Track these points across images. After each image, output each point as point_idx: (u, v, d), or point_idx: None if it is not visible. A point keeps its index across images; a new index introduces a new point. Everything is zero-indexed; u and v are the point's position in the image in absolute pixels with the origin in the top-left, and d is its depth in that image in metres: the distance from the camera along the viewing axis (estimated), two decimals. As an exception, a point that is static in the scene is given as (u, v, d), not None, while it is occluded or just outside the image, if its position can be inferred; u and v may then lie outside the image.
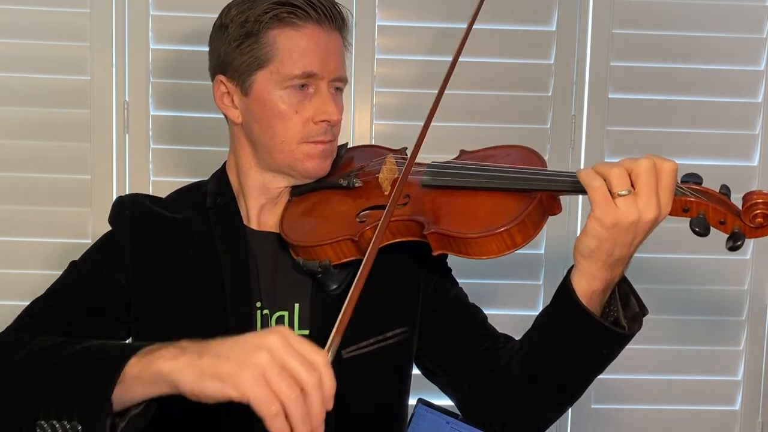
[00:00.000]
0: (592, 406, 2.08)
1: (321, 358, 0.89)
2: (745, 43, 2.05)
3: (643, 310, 1.11)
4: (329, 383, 0.88)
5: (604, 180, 1.00)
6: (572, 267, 1.08)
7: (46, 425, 0.96)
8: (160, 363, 0.91)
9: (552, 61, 2.02)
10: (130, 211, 1.29)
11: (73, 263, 1.29)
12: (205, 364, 0.88)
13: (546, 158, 1.97)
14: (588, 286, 1.06)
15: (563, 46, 2.01)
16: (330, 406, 0.89)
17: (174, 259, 1.26)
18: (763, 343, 2.12)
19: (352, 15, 1.29)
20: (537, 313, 1.97)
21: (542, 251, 2.04)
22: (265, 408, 0.86)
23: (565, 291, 1.08)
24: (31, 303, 1.25)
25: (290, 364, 0.87)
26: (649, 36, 2.03)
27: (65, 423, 0.95)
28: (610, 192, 1.00)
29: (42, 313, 1.22)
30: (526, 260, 2.03)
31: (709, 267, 2.05)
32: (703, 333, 2.10)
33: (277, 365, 0.87)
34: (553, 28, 2.01)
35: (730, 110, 2.06)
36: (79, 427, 0.94)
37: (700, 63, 2.05)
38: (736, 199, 1.04)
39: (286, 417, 0.86)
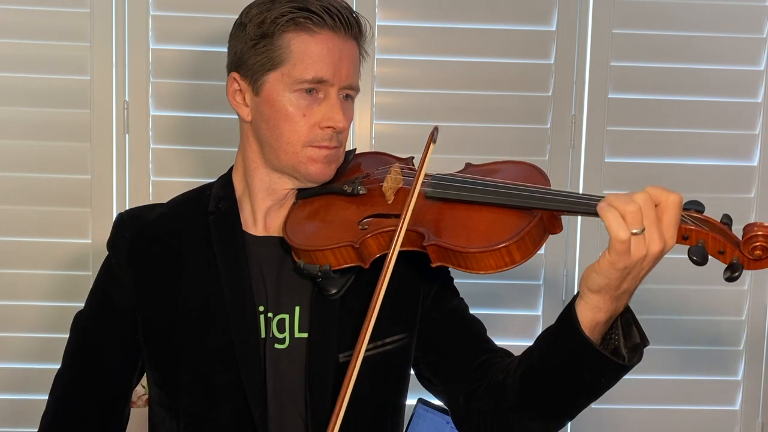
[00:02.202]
0: (592, 406, 2.07)
1: None
2: (745, 43, 2.05)
3: (644, 341, 1.11)
4: None
5: (618, 213, 0.99)
6: (576, 295, 1.08)
7: None
8: None
9: (552, 61, 2.02)
10: (129, 231, 1.29)
11: (78, 317, 1.32)
12: None
13: (546, 158, 2.01)
14: (592, 318, 1.06)
15: (563, 46, 2.01)
16: None
17: (175, 269, 1.26)
18: (763, 343, 2.13)
19: (369, 25, 1.30)
20: (537, 313, 1.97)
21: (542, 252, 2.03)
22: None
23: (568, 320, 1.08)
24: (55, 379, 1.31)
25: None
26: (649, 36, 2.04)
27: None
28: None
29: (66, 392, 1.29)
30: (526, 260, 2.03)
31: (710, 267, 2.04)
32: (703, 333, 2.10)
33: None
34: (553, 28, 2.01)
35: (730, 110, 2.06)
36: None
37: (700, 63, 2.05)
38: (738, 230, 1.03)
39: None
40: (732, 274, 1.00)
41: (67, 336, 1.30)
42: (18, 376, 1.95)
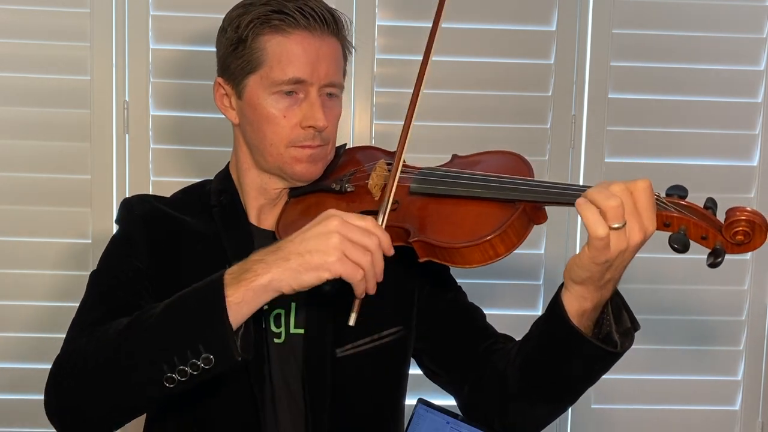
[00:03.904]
0: (592, 406, 2.09)
1: (371, 222, 1.05)
2: (745, 43, 2.05)
3: (634, 325, 1.12)
4: (385, 238, 1.05)
5: (598, 209, 0.98)
6: (562, 285, 1.09)
7: (175, 375, 1.03)
8: (257, 280, 1.02)
9: (552, 61, 2.02)
10: (140, 210, 1.31)
11: (94, 273, 1.30)
12: (295, 264, 1.02)
13: (546, 158, 2.01)
14: (579, 306, 1.07)
15: (563, 46, 2.01)
16: (391, 252, 1.06)
17: (183, 256, 1.27)
18: (763, 343, 2.12)
19: (351, 20, 1.30)
20: (537, 313, 1.97)
21: (542, 252, 2.04)
22: (354, 276, 1.02)
23: (555, 310, 1.09)
24: (71, 326, 1.24)
25: (355, 237, 1.02)
26: (649, 36, 2.03)
27: (195, 361, 1.02)
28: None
29: (89, 327, 1.22)
30: (526, 260, 2.03)
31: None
32: (703, 333, 2.10)
33: (348, 242, 1.02)
34: (553, 28, 2.01)
35: (730, 110, 2.06)
36: (212, 357, 1.02)
37: (700, 63, 2.05)
38: (723, 212, 1.03)
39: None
40: (715, 260, 0.99)
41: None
42: (19, 376, 1.95)
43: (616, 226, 0.97)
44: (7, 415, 1.97)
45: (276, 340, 1.24)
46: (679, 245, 0.98)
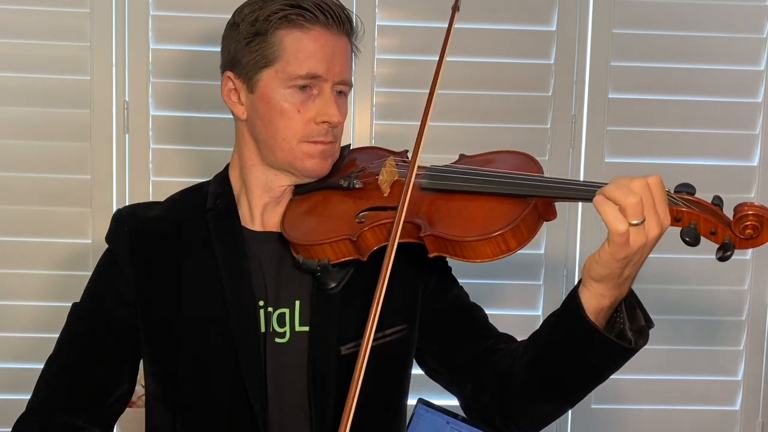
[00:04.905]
0: (592, 406, 2.09)
1: None
2: (745, 43, 2.06)
3: (648, 323, 1.12)
4: None
5: (618, 206, 0.99)
6: (579, 282, 1.10)
7: None
8: None
9: (552, 61, 2.02)
10: (129, 226, 1.30)
11: (75, 306, 1.31)
12: None
13: (546, 158, 2.01)
14: (597, 304, 1.08)
15: (563, 46, 2.02)
16: None
17: (175, 265, 1.27)
18: (763, 343, 2.13)
19: (361, 22, 1.31)
20: (537, 313, 1.97)
21: (542, 251, 2.04)
22: None
23: (573, 307, 1.09)
24: (46, 363, 1.29)
25: None
26: (649, 36, 2.04)
27: None
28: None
29: (58, 375, 1.28)
30: (526, 260, 2.03)
31: (710, 267, 2.05)
32: (703, 333, 2.10)
33: None
34: (553, 28, 2.01)
35: (730, 110, 2.06)
36: None
37: (700, 63, 2.05)
38: (729, 209, 1.04)
39: None
40: (724, 253, 1.02)
41: None
42: (19, 376, 1.95)
43: (635, 222, 0.98)
44: (7, 415, 1.97)
45: (279, 340, 1.24)
46: (691, 238, 1.01)
